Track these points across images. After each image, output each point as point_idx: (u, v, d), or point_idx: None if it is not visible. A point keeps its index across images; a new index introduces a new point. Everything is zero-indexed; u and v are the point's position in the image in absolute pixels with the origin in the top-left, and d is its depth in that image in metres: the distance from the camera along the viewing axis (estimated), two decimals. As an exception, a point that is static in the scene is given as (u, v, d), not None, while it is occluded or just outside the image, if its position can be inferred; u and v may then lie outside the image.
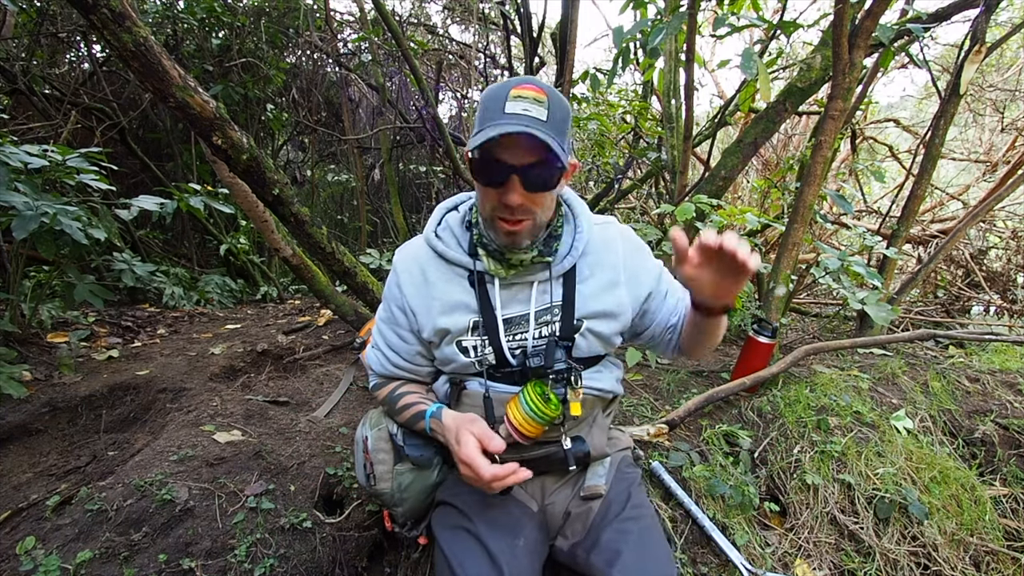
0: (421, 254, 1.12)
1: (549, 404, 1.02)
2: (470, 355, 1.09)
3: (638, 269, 1.15)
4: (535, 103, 0.90)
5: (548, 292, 1.08)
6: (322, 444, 1.76)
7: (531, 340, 1.08)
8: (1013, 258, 4.37)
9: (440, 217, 1.16)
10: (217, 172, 2.39)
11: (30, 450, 1.91)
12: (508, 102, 0.90)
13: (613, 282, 1.11)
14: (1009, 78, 5.18)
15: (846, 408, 1.89)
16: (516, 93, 0.91)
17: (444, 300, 1.08)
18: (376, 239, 5.87)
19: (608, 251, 1.12)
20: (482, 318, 1.07)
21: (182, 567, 1.26)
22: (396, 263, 1.15)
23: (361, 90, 5.31)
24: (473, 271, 1.07)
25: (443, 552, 1.08)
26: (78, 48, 4.45)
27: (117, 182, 3.50)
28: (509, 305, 1.08)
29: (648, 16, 2.58)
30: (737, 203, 5.53)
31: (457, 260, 1.08)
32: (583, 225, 1.12)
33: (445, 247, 1.09)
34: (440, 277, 1.10)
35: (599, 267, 1.11)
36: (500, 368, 1.10)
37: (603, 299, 1.10)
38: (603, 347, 1.15)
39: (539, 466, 1.16)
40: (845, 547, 1.57)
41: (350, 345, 2.78)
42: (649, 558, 1.04)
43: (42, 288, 2.82)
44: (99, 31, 1.41)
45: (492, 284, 1.08)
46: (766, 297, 2.32)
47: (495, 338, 1.07)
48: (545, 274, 1.08)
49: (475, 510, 1.12)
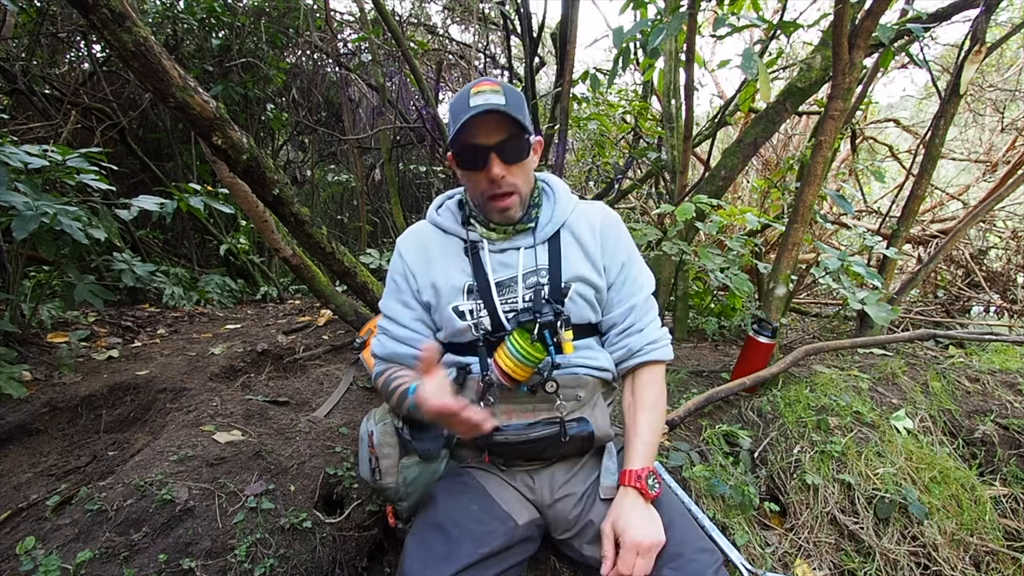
0: (423, 230, 1.29)
1: (534, 346, 1.08)
2: (466, 318, 1.17)
3: (612, 245, 1.23)
4: (493, 93, 1.07)
5: (534, 256, 1.19)
6: (322, 444, 1.76)
7: (521, 302, 1.16)
8: (1013, 258, 4.37)
9: (440, 202, 1.32)
10: (217, 172, 2.39)
11: (30, 450, 1.91)
12: (471, 99, 1.07)
13: (589, 250, 1.21)
14: (1009, 78, 5.19)
15: (846, 408, 1.89)
16: (476, 90, 1.07)
17: (442, 259, 1.22)
18: (376, 239, 5.87)
19: (588, 222, 1.23)
20: (476, 282, 1.17)
21: (182, 567, 1.26)
22: (399, 242, 1.29)
23: (361, 90, 5.31)
24: (467, 240, 1.21)
25: (406, 546, 1.09)
26: (78, 48, 4.45)
27: (117, 182, 3.51)
28: (499, 270, 1.19)
29: (648, 16, 2.58)
30: (737, 203, 5.53)
31: (453, 230, 1.24)
32: (561, 197, 1.25)
33: (442, 220, 1.26)
34: (439, 246, 1.24)
35: (581, 235, 1.21)
36: (495, 333, 1.16)
37: (584, 264, 1.19)
38: (592, 313, 1.21)
39: (543, 450, 1.17)
40: (845, 547, 1.57)
41: (350, 345, 2.78)
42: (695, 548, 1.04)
43: (42, 288, 2.82)
44: (99, 31, 1.41)
45: (483, 250, 1.20)
46: (766, 297, 2.32)
47: (489, 300, 1.16)
48: (530, 239, 1.20)
49: (450, 514, 1.12)
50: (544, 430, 1.15)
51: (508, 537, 1.12)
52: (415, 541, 1.09)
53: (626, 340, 1.22)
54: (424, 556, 1.04)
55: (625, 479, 1.11)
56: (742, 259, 2.62)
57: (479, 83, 1.09)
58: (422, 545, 1.08)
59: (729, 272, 2.40)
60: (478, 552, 1.05)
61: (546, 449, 1.17)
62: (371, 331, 1.54)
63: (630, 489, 1.09)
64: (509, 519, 1.15)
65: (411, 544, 1.09)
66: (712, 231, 2.36)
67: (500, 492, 1.19)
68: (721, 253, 2.51)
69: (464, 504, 1.15)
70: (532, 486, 1.21)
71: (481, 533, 1.09)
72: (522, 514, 1.17)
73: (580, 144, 4.97)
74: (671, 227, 2.43)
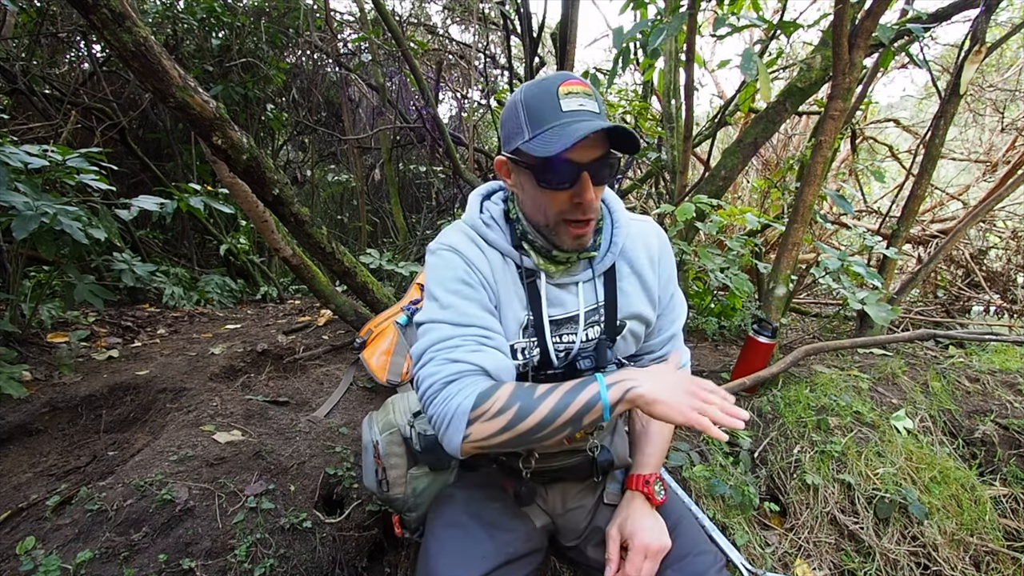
0: (476, 239, 1.02)
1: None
2: (518, 358, 1.03)
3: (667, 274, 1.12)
4: (587, 97, 0.88)
5: (594, 291, 1.05)
6: (322, 444, 1.76)
7: (579, 342, 1.04)
8: (1013, 258, 4.37)
9: (479, 204, 1.07)
10: (217, 172, 2.39)
11: (30, 450, 1.91)
12: (562, 100, 0.87)
13: (649, 283, 1.08)
14: (1009, 78, 5.18)
15: (846, 408, 1.89)
16: (567, 89, 0.88)
17: (506, 290, 1.01)
18: (376, 239, 5.87)
19: (646, 249, 1.09)
20: (531, 316, 1.01)
21: (182, 567, 1.26)
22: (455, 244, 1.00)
23: (361, 90, 5.31)
24: (521, 266, 1.01)
25: (426, 548, 1.07)
26: (78, 48, 4.45)
27: (117, 182, 3.51)
28: (555, 306, 1.04)
29: (648, 16, 2.58)
30: (737, 203, 5.53)
31: (508, 252, 1.01)
32: (620, 219, 1.08)
33: (495, 236, 1.02)
34: (499, 266, 1.01)
35: (636, 266, 1.08)
36: (543, 370, 1.05)
37: (641, 299, 1.08)
38: (634, 348, 1.13)
39: (563, 475, 1.15)
40: (845, 547, 1.57)
41: (350, 345, 2.78)
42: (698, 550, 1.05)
43: (42, 288, 2.82)
44: (99, 31, 1.41)
45: (541, 281, 1.02)
46: (766, 297, 2.32)
47: (542, 339, 1.02)
48: (588, 273, 1.04)
49: (472, 512, 1.11)
50: (567, 460, 1.13)
51: (528, 538, 1.11)
52: (436, 541, 1.06)
53: (660, 358, 1.17)
54: (449, 558, 1.02)
55: (632, 484, 1.10)
56: (742, 259, 2.62)
57: (568, 79, 0.89)
58: (445, 545, 1.05)
59: (729, 272, 2.40)
60: (505, 552, 1.04)
61: (565, 476, 1.16)
62: (371, 331, 1.53)
63: (637, 494, 1.09)
64: (528, 520, 1.15)
65: (432, 545, 1.06)
66: (712, 231, 2.36)
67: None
68: (721, 253, 2.51)
69: (484, 502, 1.13)
70: (545, 496, 1.20)
71: (503, 532, 1.09)
72: (539, 517, 1.17)
73: (580, 144, 4.95)
74: (671, 227, 2.43)
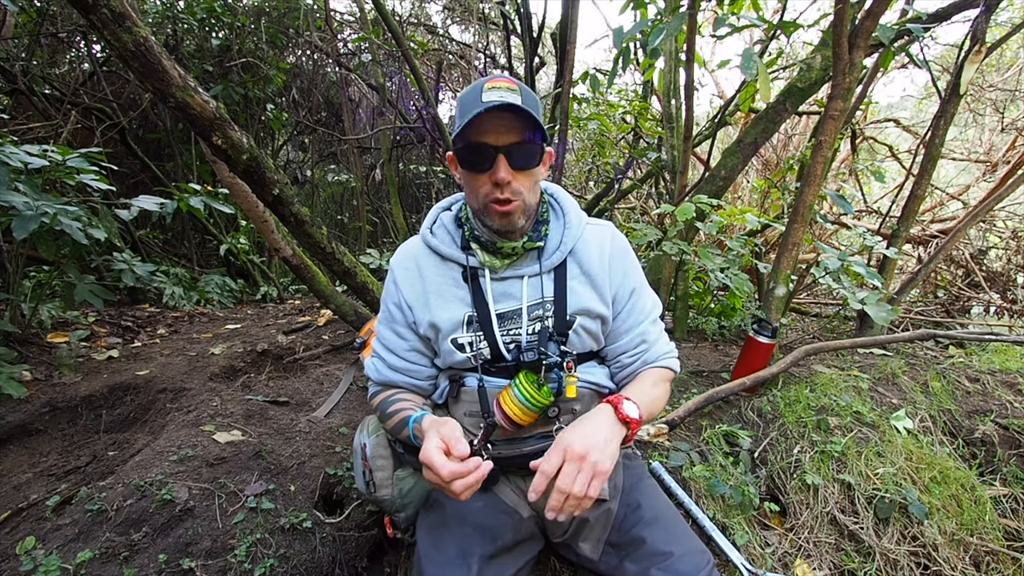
0: (417, 251, 1.16)
1: (541, 391, 1.04)
2: (466, 351, 1.11)
3: (620, 274, 1.16)
4: (508, 91, 0.96)
5: (539, 287, 1.11)
6: (322, 444, 1.76)
7: (525, 335, 1.10)
8: (1013, 258, 4.37)
9: (435, 216, 1.20)
10: (217, 172, 2.39)
11: (30, 450, 1.91)
12: (484, 93, 0.96)
13: (599, 283, 1.13)
14: (1009, 78, 5.18)
15: (846, 408, 1.89)
16: (491, 85, 0.97)
17: (439, 294, 1.12)
18: (376, 239, 5.87)
19: (599, 250, 1.15)
20: (476, 312, 1.09)
21: (182, 567, 1.26)
22: (392, 262, 1.18)
23: (361, 90, 5.31)
24: (466, 266, 1.11)
25: (418, 551, 1.08)
26: (78, 48, 4.45)
27: (117, 182, 3.51)
28: (501, 300, 1.11)
29: (648, 16, 2.57)
30: (737, 203, 5.53)
31: (451, 255, 1.12)
32: (572, 220, 1.14)
33: (439, 243, 1.13)
34: (435, 272, 1.13)
35: (586, 266, 1.13)
36: (495, 363, 1.11)
37: (591, 296, 1.12)
38: (595, 343, 1.17)
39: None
40: (845, 547, 1.57)
41: (350, 345, 2.78)
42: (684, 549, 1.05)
43: (42, 288, 2.82)
44: (99, 31, 1.41)
45: (484, 278, 1.11)
46: (766, 297, 2.31)
47: (489, 332, 1.09)
48: (535, 267, 1.11)
49: (457, 512, 1.12)
50: (537, 444, 1.14)
51: (516, 530, 1.13)
52: (426, 544, 1.09)
53: (636, 354, 1.18)
54: (439, 557, 1.04)
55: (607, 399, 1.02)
56: (742, 259, 2.62)
57: (494, 78, 0.99)
58: (435, 546, 1.07)
59: (729, 272, 2.40)
60: (494, 545, 1.06)
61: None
62: (371, 331, 1.53)
63: (605, 405, 1.00)
64: (515, 512, 1.16)
65: (423, 547, 1.08)
66: (712, 231, 2.36)
67: (500, 488, 1.19)
68: (721, 253, 2.51)
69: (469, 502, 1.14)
70: (523, 487, 1.20)
71: (491, 527, 1.09)
72: (524, 508, 1.18)
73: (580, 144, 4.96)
74: (671, 227, 2.43)
